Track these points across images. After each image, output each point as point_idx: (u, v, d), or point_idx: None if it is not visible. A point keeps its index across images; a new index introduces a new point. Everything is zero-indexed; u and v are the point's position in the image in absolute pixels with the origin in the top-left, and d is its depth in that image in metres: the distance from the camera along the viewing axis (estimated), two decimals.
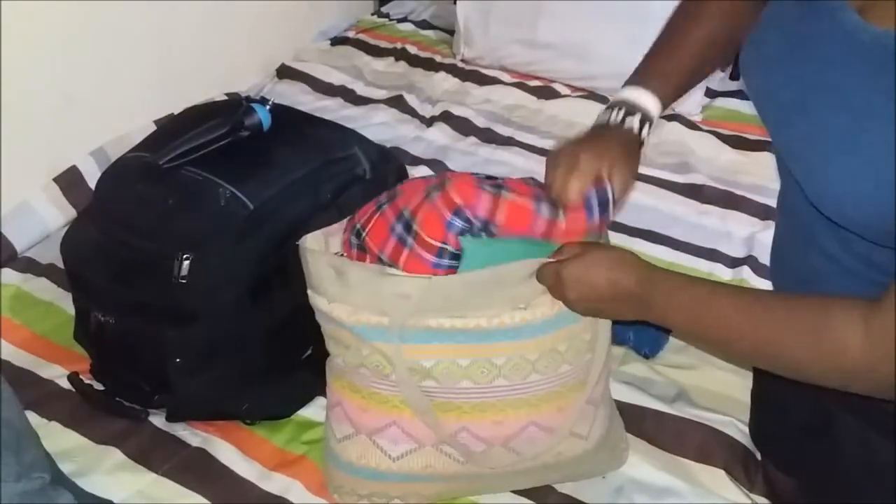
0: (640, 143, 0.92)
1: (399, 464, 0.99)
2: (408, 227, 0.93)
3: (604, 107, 0.94)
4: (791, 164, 0.79)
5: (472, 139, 1.78)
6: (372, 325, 0.94)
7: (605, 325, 0.98)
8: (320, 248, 1.02)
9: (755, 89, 0.83)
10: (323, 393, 1.08)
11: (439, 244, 0.91)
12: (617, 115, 0.91)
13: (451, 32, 2.11)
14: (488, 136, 1.79)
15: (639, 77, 0.93)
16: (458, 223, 0.91)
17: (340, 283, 0.95)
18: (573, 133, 0.93)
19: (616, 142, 0.90)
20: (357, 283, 0.94)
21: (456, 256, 0.91)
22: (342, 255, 1.01)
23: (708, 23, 0.92)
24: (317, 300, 0.99)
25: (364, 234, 0.97)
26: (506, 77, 1.98)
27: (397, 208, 0.96)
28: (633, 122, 0.90)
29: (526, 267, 0.90)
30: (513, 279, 0.91)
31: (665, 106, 0.92)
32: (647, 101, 0.91)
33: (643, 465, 1.10)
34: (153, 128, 1.58)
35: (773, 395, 1.00)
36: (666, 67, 0.93)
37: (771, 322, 0.76)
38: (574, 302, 0.89)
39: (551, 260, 0.89)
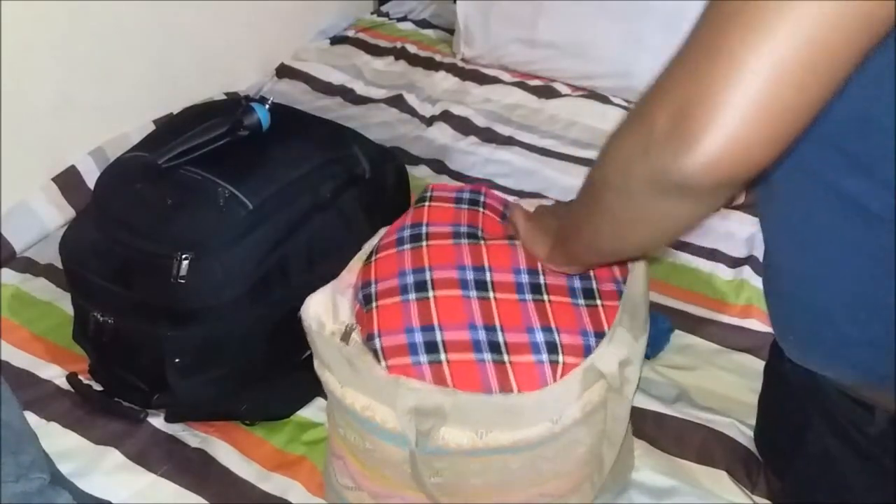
0: None
1: None
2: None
3: None
4: None
5: (472, 138, 1.78)
6: (386, 428, 0.84)
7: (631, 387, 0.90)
8: (327, 314, 0.90)
9: None
10: (323, 394, 1.07)
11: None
12: None
13: (451, 31, 2.11)
14: (488, 136, 1.78)
15: None
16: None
17: (353, 372, 0.85)
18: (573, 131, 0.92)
19: None
20: (372, 384, 0.84)
21: None
22: (354, 325, 0.89)
23: None
24: (326, 377, 0.89)
25: (378, 334, 0.86)
26: (506, 76, 1.98)
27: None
28: None
29: (571, 383, 0.83)
30: (558, 398, 0.83)
31: None
32: None
33: (644, 467, 1.10)
34: (152, 127, 1.58)
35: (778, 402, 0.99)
36: None
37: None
38: (530, 223, 0.92)
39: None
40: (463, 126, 1.81)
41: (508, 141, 1.77)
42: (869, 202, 0.67)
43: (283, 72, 2.00)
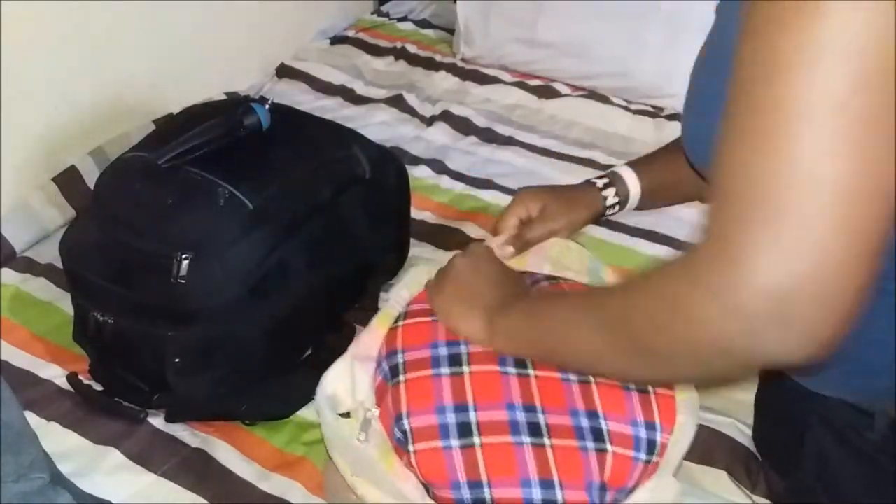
0: (603, 211, 1.03)
1: None
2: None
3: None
4: None
5: (473, 138, 1.78)
6: None
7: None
8: (345, 392, 0.84)
9: None
10: None
11: None
12: (600, 180, 1.04)
13: (451, 31, 2.11)
14: (488, 136, 1.79)
15: (632, 161, 1.06)
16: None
17: (371, 470, 0.80)
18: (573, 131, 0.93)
19: (580, 193, 1.03)
20: (391, 489, 0.79)
21: None
22: (374, 412, 0.82)
23: None
24: (336, 459, 0.85)
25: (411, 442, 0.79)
26: (506, 76, 1.98)
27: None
28: (610, 192, 1.03)
29: None
30: None
31: (645, 189, 1.04)
32: (629, 176, 1.03)
33: None
34: (152, 127, 1.57)
35: (775, 402, 1.00)
36: (654, 163, 1.05)
37: (608, 308, 0.66)
38: (446, 286, 0.87)
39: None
40: (463, 126, 1.81)
41: (508, 141, 1.77)
42: None
43: (283, 72, 2.00)
